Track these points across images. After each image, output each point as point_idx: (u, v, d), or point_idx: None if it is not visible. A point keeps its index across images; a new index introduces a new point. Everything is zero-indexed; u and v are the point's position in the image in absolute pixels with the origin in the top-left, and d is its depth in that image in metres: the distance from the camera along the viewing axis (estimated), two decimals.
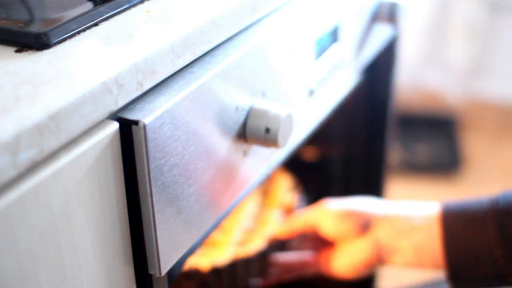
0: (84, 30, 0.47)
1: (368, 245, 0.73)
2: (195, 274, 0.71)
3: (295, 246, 0.83)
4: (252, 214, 0.86)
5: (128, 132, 0.44)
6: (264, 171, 0.62)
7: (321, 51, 0.68)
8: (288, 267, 0.81)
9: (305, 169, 1.01)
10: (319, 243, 0.79)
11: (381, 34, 0.85)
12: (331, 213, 0.76)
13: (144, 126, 0.43)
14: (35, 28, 0.47)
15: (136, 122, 0.43)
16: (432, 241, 0.70)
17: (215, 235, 0.80)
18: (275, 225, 0.82)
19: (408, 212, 0.73)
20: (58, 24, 0.46)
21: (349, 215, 0.75)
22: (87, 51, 0.45)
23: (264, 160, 0.61)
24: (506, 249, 0.66)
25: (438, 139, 2.12)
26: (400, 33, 0.92)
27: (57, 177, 0.39)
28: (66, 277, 0.41)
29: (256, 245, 0.79)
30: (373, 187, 1.02)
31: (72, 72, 0.41)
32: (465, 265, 0.69)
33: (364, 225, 0.74)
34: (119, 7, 0.50)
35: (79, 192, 0.41)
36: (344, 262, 0.75)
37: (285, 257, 0.81)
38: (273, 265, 0.81)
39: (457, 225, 0.69)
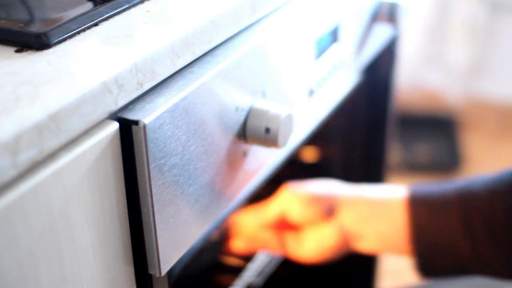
0: (84, 30, 0.47)
1: (334, 230, 0.73)
2: None
3: None
4: None
5: (128, 132, 0.44)
6: (264, 171, 0.62)
7: (321, 51, 0.68)
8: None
9: (305, 169, 1.01)
10: (288, 228, 0.79)
11: (381, 34, 0.85)
12: (297, 198, 0.75)
13: (144, 126, 0.43)
14: (35, 28, 0.47)
15: (136, 122, 0.43)
16: (396, 230, 0.70)
17: None
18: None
19: (373, 197, 0.72)
20: (58, 24, 0.46)
21: (314, 199, 0.74)
22: (87, 51, 0.45)
23: (264, 160, 0.61)
24: (469, 241, 0.67)
25: (438, 139, 2.12)
26: (400, 33, 0.92)
27: (57, 177, 0.39)
28: (66, 277, 0.41)
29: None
30: None
31: (72, 72, 0.41)
32: (431, 256, 0.69)
33: (329, 210, 0.74)
34: (119, 7, 0.50)
35: (79, 192, 0.41)
36: (310, 246, 0.75)
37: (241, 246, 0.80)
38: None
39: (424, 215, 0.69)
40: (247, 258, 0.79)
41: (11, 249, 0.37)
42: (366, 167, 1.00)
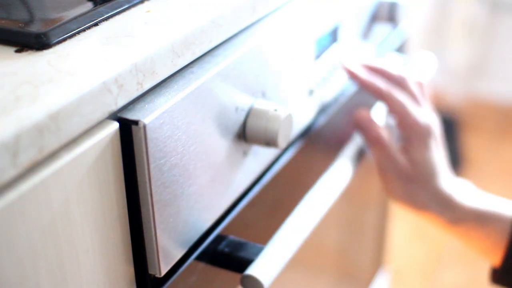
0: (84, 30, 0.47)
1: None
2: None
3: None
4: None
5: (128, 132, 0.44)
6: (264, 171, 0.62)
7: (321, 51, 0.68)
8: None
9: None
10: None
11: (381, 34, 0.85)
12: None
13: (144, 126, 0.43)
14: (35, 28, 0.47)
15: (136, 122, 0.43)
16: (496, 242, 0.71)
17: None
18: None
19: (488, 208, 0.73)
20: (58, 24, 0.46)
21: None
22: (87, 51, 0.45)
23: (264, 160, 0.61)
24: None
25: None
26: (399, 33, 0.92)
27: (57, 177, 0.39)
28: (66, 277, 0.41)
29: None
30: None
31: (72, 72, 0.41)
32: None
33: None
34: (119, 7, 0.50)
35: (79, 192, 0.41)
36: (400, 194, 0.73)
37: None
38: None
39: None
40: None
41: (11, 249, 0.37)
42: None
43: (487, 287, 0.78)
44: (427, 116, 0.72)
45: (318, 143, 0.74)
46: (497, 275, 0.73)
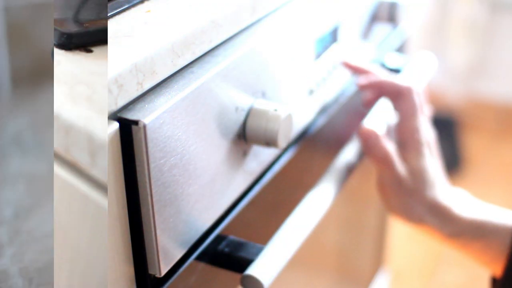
0: None
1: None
2: None
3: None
4: None
5: (128, 132, 0.44)
6: (264, 172, 0.62)
7: (321, 51, 0.68)
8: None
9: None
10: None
11: (381, 34, 0.85)
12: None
13: (144, 126, 0.43)
14: None
15: (136, 122, 0.43)
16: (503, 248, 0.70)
17: None
18: None
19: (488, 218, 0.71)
20: None
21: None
22: None
23: (264, 160, 0.61)
24: None
25: (438, 139, 2.11)
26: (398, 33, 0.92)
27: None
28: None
29: None
30: None
31: None
32: None
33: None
34: (119, 7, 0.50)
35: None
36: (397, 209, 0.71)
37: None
38: None
39: None
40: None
41: None
42: None
43: None
44: (426, 125, 0.71)
45: (318, 143, 0.74)
46: (498, 285, 0.71)
